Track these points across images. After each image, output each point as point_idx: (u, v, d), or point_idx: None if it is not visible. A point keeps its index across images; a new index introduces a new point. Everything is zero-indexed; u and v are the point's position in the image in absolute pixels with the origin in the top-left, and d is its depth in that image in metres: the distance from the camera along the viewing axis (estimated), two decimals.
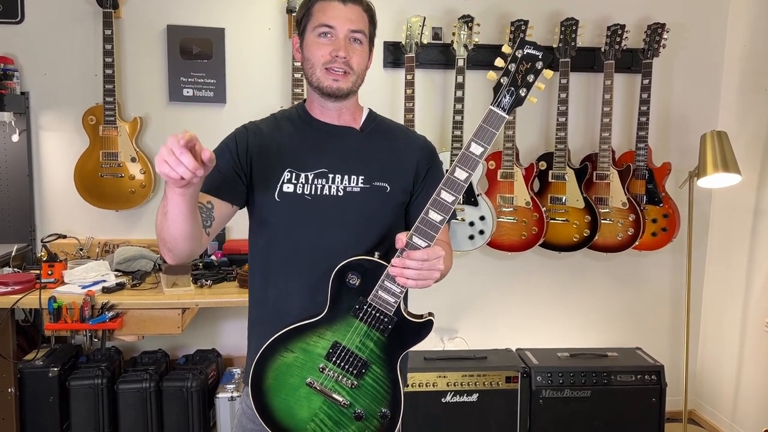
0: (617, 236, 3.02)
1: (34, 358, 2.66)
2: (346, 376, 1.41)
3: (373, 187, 1.48)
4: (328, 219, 1.47)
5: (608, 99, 2.99)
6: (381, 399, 1.41)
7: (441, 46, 3.11)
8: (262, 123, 1.56)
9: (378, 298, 1.38)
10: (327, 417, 1.42)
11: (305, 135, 1.52)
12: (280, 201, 1.46)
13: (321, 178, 1.47)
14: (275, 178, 1.46)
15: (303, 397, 1.42)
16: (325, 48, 1.45)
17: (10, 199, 2.99)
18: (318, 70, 1.45)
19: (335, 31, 1.44)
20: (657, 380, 2.90)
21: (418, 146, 1.57)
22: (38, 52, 2.97)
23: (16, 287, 2.50)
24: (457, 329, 3.33)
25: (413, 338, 1.41)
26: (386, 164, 1.51)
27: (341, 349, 1.41)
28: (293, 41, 1.55)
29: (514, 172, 2.98)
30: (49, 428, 2.65)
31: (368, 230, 1.48)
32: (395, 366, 1.41)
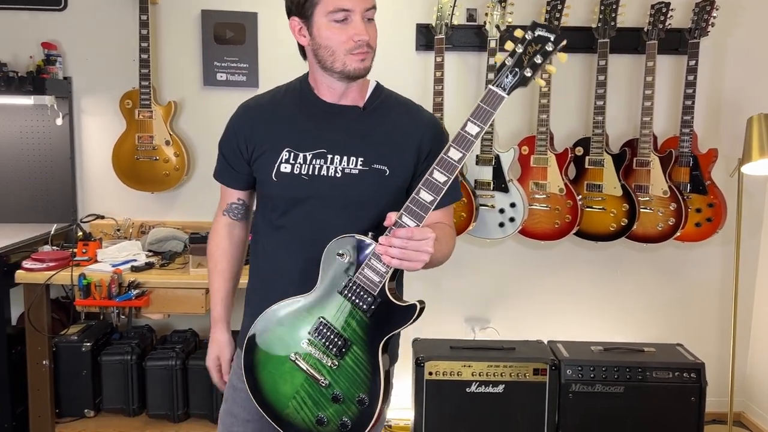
0: (657, 226, 2.87)
1: (69, 333, 2.77)
2: (327, 355, 1.40)
3: (372, 169, 1.46)
4: (325, 200, 1.46)
5: (650, 81, 2.84)
6: (359, 383, 1.38)
7: (475, 28, 3.03)
8: (262, 98, 1.56)
9: (363, 277, 1.36)
10: (307, 396, 1.42)
11: (307, 114, 1.49)
12: (277, 181, 1.47)
13: (320, 158, 1.45)
14: (274, 158, 1.47)
15: (287, 372, 1.43)
16: (344, 32, 1.39)
17: (54, 181, 3.11)
18: (341, 55, 1.40)
19: (352, 13, 1.38)
20: (696, 378, 2.74)
21: (423, 124, 1.53)
22: (80, 38, 3.07)
23: (51, 264, 2.60)
24: (489, 319, 3.26)
25: (395, 323, 1.37)
26: (387, 145, 1.48)
27: (325, 326, 1.40)
28: (292, 25, 1.46)
29: (547, 157, 2.87)
30: (82, 401, 2.76)
31: (366, 212, 1.46)
32: (376, 350, 1.37)
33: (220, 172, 1.62)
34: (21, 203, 3.12)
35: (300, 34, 1.45)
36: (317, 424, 1.40)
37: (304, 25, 1.43)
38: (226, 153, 1.58)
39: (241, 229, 1.66)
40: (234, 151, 1.55)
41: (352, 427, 1.38)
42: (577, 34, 2.96)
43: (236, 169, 1.56)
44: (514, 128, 3.10)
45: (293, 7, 1.44)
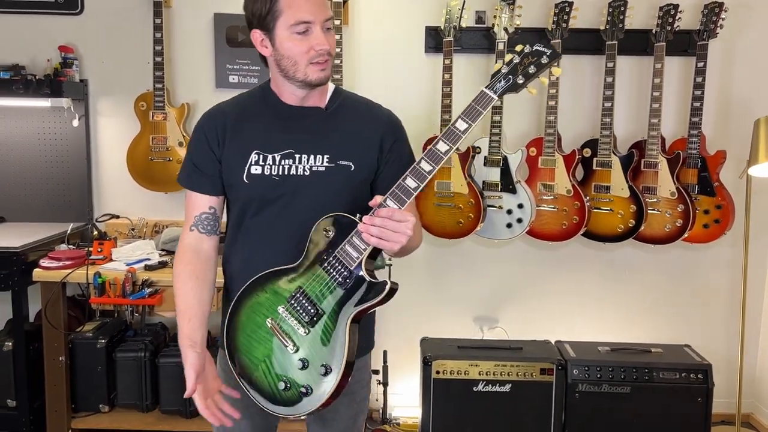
0: (665, 227, 2.88)
1: (85, 330, 2.83)
2: (300, 322, 1.46)
3: (337, 165, 1.54)
4: (296, 198, 1.53)
5: (658, 83, 2.85)
6: (325, 353, 1.43)
7: (484, 30, 3.05)
8: (225, 106, 1.61)
9: (344, 252, 1.44)
10: (276, 361, 1.47)
11: (271, 117, 1.56)
12: (249, 182, 1.53)
13: (288, 158, 1.53)
14: (243, 161, 1.53)
15: (263, 336, 1.49)
16: (306, 43, 1.45)
17: (70, 181, 3.18)
18: (303, 65, 1.46)
19: (312, 25, 1.44)
20: (704, 379, 2.75)
21: (383, 122, 1.61)
22: (96, 41, 3.14)
23: (67, 263, 2.67)
24: (498, 319, 3.28)
25: (366, 298, 1.42)
26: (350, 142, 1.56)
27: (303, 295, 1.47)
28: (254, 36, 1.50)
29: (555, 158, 2.89)
30: (98, 396, 2.83)
31: (334, 208, 1.52)
32: (345, 323, 1.42)
33: (189, 178, 1.59)
34: (39, 203, 3.19)
35: (262, 45, 1.50)
36: (280, 389, 1.45)
37: (266, 36, 1.48)
38: (197, 159, 1.57)
39: (209, 244, 1.59)
40: (206, 153, 1.56)
41: (312, 394, 1.42)
42: (585, 35, 2.98)
43: (209, 172, 1.56)
44: (521, 130, 3.12)
45: (254, 20, 1.48)
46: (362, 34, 3.11)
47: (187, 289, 1.56)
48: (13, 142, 3.15)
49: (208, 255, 1.60)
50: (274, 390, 1.46)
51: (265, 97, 1.58)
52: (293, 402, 1.44)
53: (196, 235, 1.58)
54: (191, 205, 1.60)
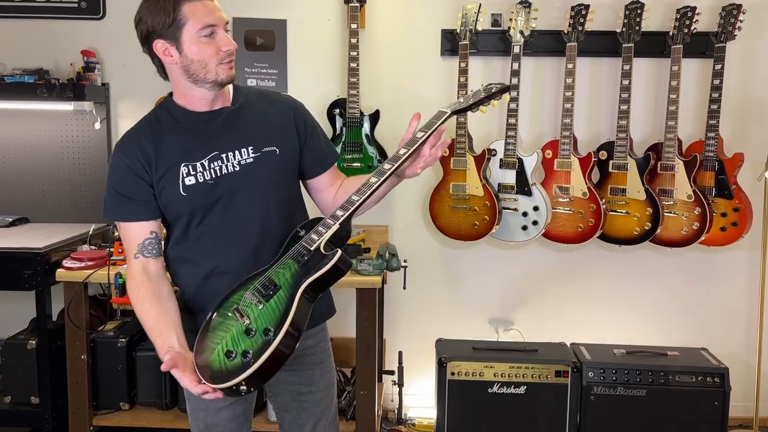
0: (682, 230, 2.87)
1: (106, 329, 2.89)
2: (258, 299, 1.52)
3: (263, 153, 1.63)
4: (234, 194, 1.61)
5: (675, 86, 2.84)
6: (271, 318, 1.47)
7: (500, 33, 3.06)
8: (134, 135, 1.63)
9: (307, 239, 1.55)
10: (231, 338, 1.49)
11: (186, 128, 1.62)
12: (186, 194, 1.58)
13: (215, 160, 1.60)
14: (175, 177, 1.58)
15: (226, 324, 1.52)
16: (213, 46, 1.53)
17: (92, 182, 3.24)
18: (213, 66, 1.54)
19: (217, 28, 1.53)
20: (720, 383, 2.74)
21: (288, 105, 1.73)
22: (117, 45, 3.20)
23: (89, 263, 2.72)
24: (513, 321, 3.29)
25: (318, 267, 1.49)
26: (268, 129, 1.66)
27: (265, 279, 1.54)
28: (156, 47, 1.56)
29: (571, 161, 2.90)
30: (118, 394, 2.88)
31: (273, 192, 1.64)
32: (296, 291, 1.47)
33: (121, 210, 1.61)
34: (61, 204, 3.26)
35: (166, 54, 1.55)
36: (227, 357, 1.46)
37: (170, 45, 1.54)
38: (126, 189, 1.59)
39: (156, 265, 1.62)
40: (134, 181, 1.59)
41: (252, 356, 1.43)
42: (601, 38, 2.98)
43: (142, 199, 1.60)
44: (537, 132, 3.13)
45: (158, 30, 1.53)
46: (378, 37, 3.14)
47: (148, 306, 1.58)
48: (37, 145, 3.22)
49: (158, 274, 1.63)
50: (222, 364, 1.45)
51: (172, 113, 1.63)
52: (236, 369, 1.43)
53: (141, 260, 1.61)
54: (131, 236, 1.62)
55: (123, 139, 1.64)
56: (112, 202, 1.62)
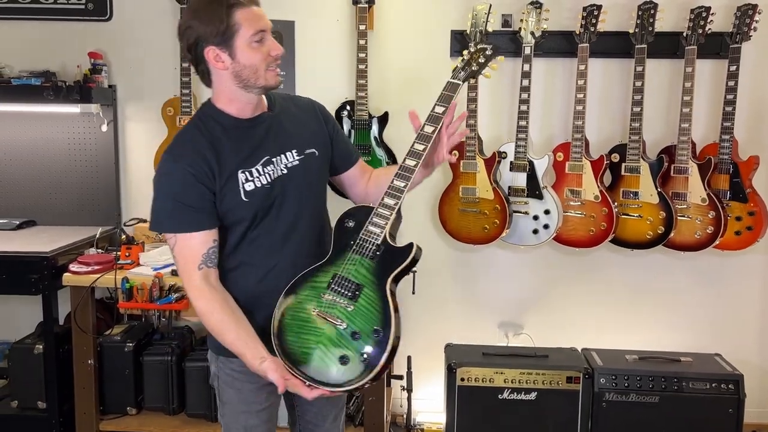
0: (695, 234, 2.83)
1: (113, 333, 2.87)
2: (343, 300, 1.58)
3: (306, 155, 1.71)
4: (285, 197, 1.67)
5: (689, 87, 2.79)
6: (373, 318, 1.55)
7: (510, 34, 3.01)
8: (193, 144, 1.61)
9: (368, 232, 1.62)
10: (329, 341, 1.55)
11: (236, 135, 1.64)
12: (248, 200, 1.62)
13: (268, 165, 1.65)
14: (236, 184, 1.61)
15: (312, 327, 1.58)
16: (263, 50, 1.57)
17: (99, 185, 3.23)
18: (262, 71, 1.58)
19: (266, 33, 1.58)
20: (735, 390, 2.69)
21: (312, 106, 1.82)
22: (125, 47, 3.18)
23: (96, 267, 2.70)
24: (523, 325, 3.25)
25: (398, 260, 1.60)
26: (304, 132, 1.74)
27: (340, 278, 1.61)
28: (207, 54, 1.56)
29: (582, 164, 2.85)
30: (126, 399, 2.86)
31: (311, 192, 1.73)
32: (385, 288, 1.57)
33: (188, 224, 1.59)
34: (68, 206, 3.24)
35: (217, 60, 1.57)
36: (341, 363, 1.52)
37: (222, 51, 1.55)
38: (190, 199, 1.58)
39: (215, 274, 1.64)
40: (199, 190, 1.58)
41: (371, 357, 1.51)
42: (613, 38, 2.93)
43: (206, 208, 1.60)
44: (548, 134, 3.09)
45: (210, 37, 1.54)
46: (387, 38, 3.10)
47: (226, 319, 1.60)
48: (44, 147, 3.21)
49: (219, 283, 1.64)
50: (336, 368, 1.52)
51: (218, 121, 1.64)
52: (359, 372, 1.51)
53: (205, 271, 1.61)
54: (194, 247, 1.60)
55: (178, 148, 1.62)
56: (173, 213, 1.59)
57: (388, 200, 1.63)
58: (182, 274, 1.62)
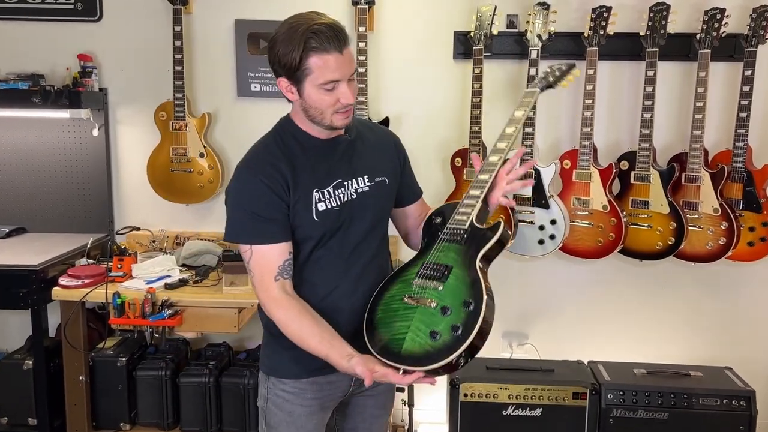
0: (706, 245, 2.73)
1: (105, 347, 2.79)
2: (432, 281, 1.57)
3: (376, 183, 1.69)
4: (352, 221, 1.66)
5: (702, 93, 2.68)
6: (463, 292, 1.52)
7: (516, 35, 2.90)
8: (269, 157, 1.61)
9: (454, 221, 1.64)
10: (421, 322, 1.52)
11: (313, 155, 1.63)
12: (318, 220, 1.61)
13: (340, 188, 1.64)
14: (309, 202, 1.60)
15: (402, 314, 1.56)
16: (333, 96, 1.53)
17: (91, 191, 3.13)
18: (329, 115, 1.56)
19: (338, 83, 1.52)
20: (746, 407, 2.62)
21: (388, 136, 1.82)
22: (115, 49, 3.06)
23: (86, 281, 2.61)
24: (527, 335, 3.17)
25: (486, 238, 1.59)
26: (377, 160, 1.73)
27: (428, 264, 1.61)
28: (280, 83, 1.56)
29: (590, 172, 2.75)
30: (119, 414, 2.78)
31: (376, 218, 1.71)
32: (475, 265, 1.55)
33: (265, 235, 1.58)
34: (59, 213, 3.15)
35: (288, 91, 1.56)
36: (431, 338, 1.48)
37: (293, 85, 1.54)
38: (266, 211, 1.57)
39: (290, 285, 1.63)
40: (275, 202, 1.57)
41: (463, 328, 1.46)
42: (623, 40, 2.82)
43: (282, 220, 1.59)
44: (554, 138, 2.98)
45: (283, 71, 1.53)
46: (388, 40, 2.99)
47: (307, 324, 1.58)
48: (34, 153, 3.11)
49: (295, 293, 1.63)
50: (426, 344, 1.48)
51: (296, 138, 1.63)
52: (450, 345, 1.45)
53: (281, 282, 1.60)
54: (271, 259, 1.58)
55: (254, 160, 1.61)
56: (249, 225, 1.58)
57: (473, 191, 1.65)
58: (258, 285, 1.60)
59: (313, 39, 1.47)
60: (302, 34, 1.47)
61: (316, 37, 1.47)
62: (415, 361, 1.47)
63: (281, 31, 1.52)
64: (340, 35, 1.50)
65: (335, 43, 1.48)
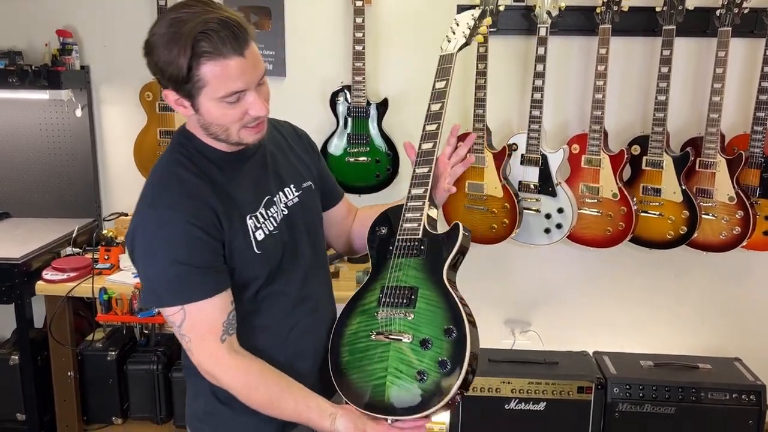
0: (720, 235, 2.61)
1: (94, 340, 2.69)
2: (399, 310, 1.36)
3: (303, 190, 1.47)
4: (295, 242, 1.42)
5: (720, 74, 2.52)
6: (440, 318, 1.32)
7: (523, 9, 2.72)
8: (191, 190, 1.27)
9: (404, 231, 1.44)
10: (399, 361, 1.32)
11: (231, 172, 1.34)
12: (261, 252, 1.33)
13: (271, 206, 1.38)
14: (246, 233, 1.32)
15: (374, 354, 1.35)
16: (239, 109, 1.23)
17: (76, 175, 2.99)
18: (235, 131, 1.27)
19: (243, 93, 1.22)
20: (756, 401, 2.54)
21: (295, 132, 1.56)
22: (97, 23, 2.88)
23: (72, 274, 2.50)
24: (530, 322, 3.07)
25: (447, 246, 1.40)
26: (295, 162, 1.49)
27: (388, 289, 1.40)
28: (167, 96, 1.24)
29: (600, 158, 2.61)
30: (110, 408, 2.71)
31: (314, 227, 1.49)
32: (442, 281, 1.36)
33: (207, 289, 1.25)
34: (43, 198, 3.01)
35: (178, 104, 1.25)
36: (418, 380, 1.28)
37: (184, 99, 1.23)
38: (204, 260, 1.25)
39: (236, 341, 1.32)
40: (214, 246, 1.26)
41: (451, 362, 1.27)
42: (637, 15, 2.63)
43: (222, 265, 1.28)
44: (561, 120, 2.83)
45: (168, 83, 1.22)
46: (385, 14, 2.80)
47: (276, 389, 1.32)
48: (14, 135, 2.95)
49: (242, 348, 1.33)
50: (418, 390, 1.28)
51: (205, 155, 1.32)
52: (439, 387, 1.26)
53: (228, 341, 1.29)
54: (214, 315, 1.26)
55: (169, 196, 1.25)
56: (179, 283, 1.24)
57: (416, 190, 1.45)
58: (198, 351, 1.28)
59: (205, 41, 1.15)
60: (188, 35, 1.14)
61: (207, 38, 1.15)
62: (409, 410, 1.28)
63: (159, 31, 1.18)
64: (240, 33, 1.18)
65: (234, 44, 1.17)
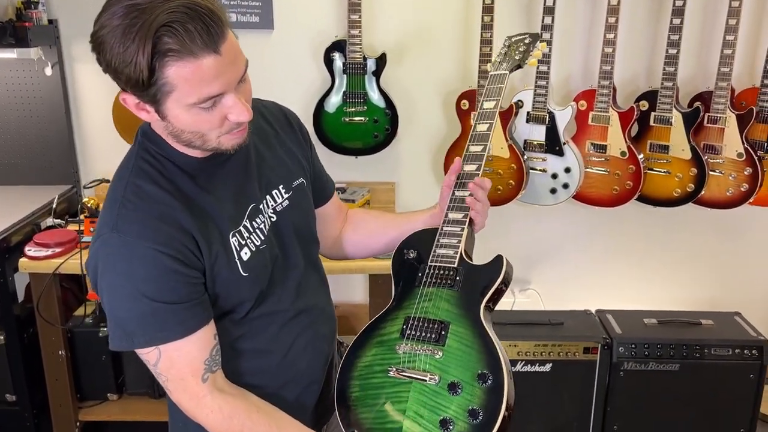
0: (727, 191, 2.58)
1: (85, 315, 2.56)
2: (425, 346, 1.21)
3: (295, 189, 1.28)
4: (285, 255, 1.25)
5: (733, 25, 2.43)
6: (474, 360, 1.16)
7: None
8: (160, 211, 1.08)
9: (438, 257, 1.29)
10: (421, 404, 1.16)
11: (207, 182, 1.14)
12: (248, 274, 1.15)
13: (256, 216, 1.19)
14: (230, 254, 1.14)
15: (390, 392, 1.20)
16: (217, 114, 1.03)
17: (50, 139, 2.79)
18: (213, 138, 1.06)
19: (221, 96, 1.02)
20: (758, 356, 2.56)
21: (284, 114, 1.34)
22: None
23: (56, 250, 2.35)
24: (530, 280, 3.04)
25: (487, 280, 1.25)
26: (288, 156, 1.29)
27: (414, 320, 1.24)
28: (126, 101, 1.03)
29: (609, 115, 2.52)
30: (105, 385, 2.60)
31: (309, 230, 1.33)
32: (479, 318, 1.20)
33: (186, 326, 1.08)
34: (17, 164, 2.82)
35: (140, 109, 1.03)
36: (442, 429, 1.14)
37: (148, 104, 1.02)
38: (180, 294, 1.08)
39: (222, 376, 1.17)
40: (190, 276, 1.09)
41: (483, 412, 1.12)
42: None
43: (202, 295, 1.12)
44: (566, 74, 2.71)
45: (126, 86, 1.00)
46: None
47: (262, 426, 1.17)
48: None
49: (229, 383, 1.18)
50: None
51: (176, 162, 1.12)
52: None
53: (211, 379, 1.13)
54: (194, 352, 1.10)
55: (135, 220, 1.06)
56: (152, 321, 1.07)
57: (454, 214, 1.31)
58: (176, 392, 1.14)
59: (168, 36, 0.93)
60: (148, 28, 0.92)
61: (172, 32, 0.92)
62: None
63: (111, 22, 0.94)
64: (213, 23, 0.95)
65: (206, 38, 0.94)
